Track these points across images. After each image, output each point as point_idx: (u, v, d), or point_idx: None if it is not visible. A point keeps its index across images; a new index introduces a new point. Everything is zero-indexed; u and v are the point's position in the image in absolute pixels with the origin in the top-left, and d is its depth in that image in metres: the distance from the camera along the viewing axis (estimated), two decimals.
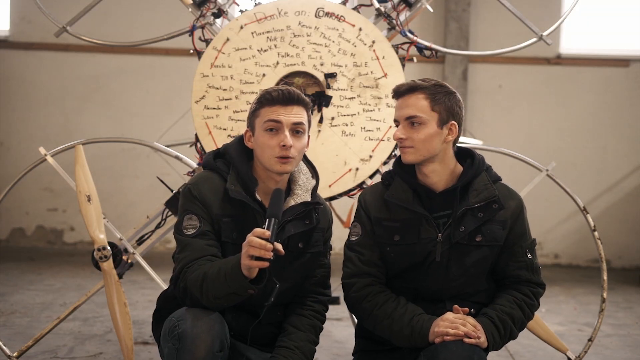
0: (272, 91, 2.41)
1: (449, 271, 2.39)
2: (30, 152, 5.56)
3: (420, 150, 2.36)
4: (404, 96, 2.39)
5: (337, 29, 3.38)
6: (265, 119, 2.39)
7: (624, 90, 7.18)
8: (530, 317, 2.45)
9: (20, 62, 7.24)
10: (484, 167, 2.46)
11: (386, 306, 2.38)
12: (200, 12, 3.48)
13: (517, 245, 2.42)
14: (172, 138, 5.66)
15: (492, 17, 7.08)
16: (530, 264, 2.44)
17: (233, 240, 2.38)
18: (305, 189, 2.49)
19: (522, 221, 2.45)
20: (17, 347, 3.36)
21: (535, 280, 2.44)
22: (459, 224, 2.37)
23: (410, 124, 2.37)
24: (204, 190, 2.39)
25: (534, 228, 2.61)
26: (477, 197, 2.38)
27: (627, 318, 4.97)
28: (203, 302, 2.25)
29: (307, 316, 2.50)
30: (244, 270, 2.16)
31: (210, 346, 2.19)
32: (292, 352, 2.40)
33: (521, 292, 2.43)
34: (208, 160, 2.50)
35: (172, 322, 2.25)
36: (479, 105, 7.23)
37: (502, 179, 2.53)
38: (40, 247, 7.19)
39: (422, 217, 2.39)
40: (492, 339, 2.30)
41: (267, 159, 2.39)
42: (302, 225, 2.45)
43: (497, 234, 2.39)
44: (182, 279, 2.30)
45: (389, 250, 2.43)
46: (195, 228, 2.36)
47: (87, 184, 3.24)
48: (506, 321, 2.36)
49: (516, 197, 2.46)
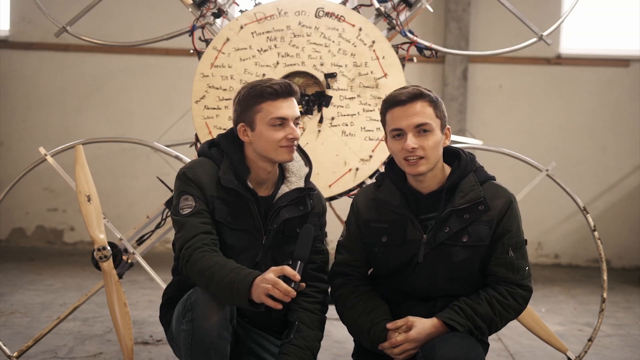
0: (273, 84, 2.45)
1: (433, 272, 2.40)
2: (30, 152, 5.55)
3: (430, 159, 2.37)
4: (408, 104, 2.36)
5: (337, 29, 3.38)
6: (271, 115, 2.44)
7: (624, 90, 7.17)
8: (506, 317, 2.39)
9: (20, 62, 7.23)
10: (472, 168, 2.45)
11: (352, 312, 2.47)
12: (200, 12, 3.48)
13: (499, 242, 2.40)
14: (172, 138, 5.65)
15: (492, 17, 7.08)
16: (510, 263, 2.39)
17: (227, 223, 2.45)
18: (298, 175, 2.56)
19: (509, 219, 2.40)
20: (17, 347, 3.36)
21: (514, 279, 2.39)
22: (443, 225, 2.38)
23: (419, 132, 2.35)
24: (198, 173, 2.46)
25: (534, 228, 2.62)
26: (463, 198, 2.38)
27: (627, 318, 4.96)
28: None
29: (315, 311, 2.54)
30: (254, 296, 2.22)
31: (223, 313, 2.27)
32: (304, 352, 2.45)
33: (496, 290, 2.39)
34: (203, 148, 2.58)
35: (184, 299, 2.34)
36: (479, 105, 7.22)
37: (499, 177, 2.54)
38: (40, 247, 7.18)
39: (408, 219, 2.42)
40: (454, 323, 2.31)
41: (273, 150, 2.45)
42: (297, 210, 2.51)
43: (483, 233, 2.39)
44: (184, 262, 2.36)
45: (376, 251, 2.47)
46: (190, 207, 2.42)
47: (87, 184, 3.24)
48: (466, 310, 2.34)
49: (504, 196, 2.42)
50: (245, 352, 2.52)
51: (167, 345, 3.71)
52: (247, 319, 2.53)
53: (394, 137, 2.39)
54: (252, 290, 2.22)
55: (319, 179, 3.26)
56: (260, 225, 2.48)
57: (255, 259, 2.47)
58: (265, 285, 2.19)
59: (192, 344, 2.27)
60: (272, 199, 2.52)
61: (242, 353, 2.51)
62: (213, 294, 2.28)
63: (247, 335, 2.53)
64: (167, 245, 7.06)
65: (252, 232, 2.48)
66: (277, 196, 2.52)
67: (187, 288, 2.41)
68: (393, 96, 2.39)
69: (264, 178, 2.52)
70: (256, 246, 2.48)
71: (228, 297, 2.25)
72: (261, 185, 2.53)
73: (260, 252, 2.48)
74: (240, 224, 2.47)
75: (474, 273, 2.43)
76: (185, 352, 2.31)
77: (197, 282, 2.33)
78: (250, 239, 2.48)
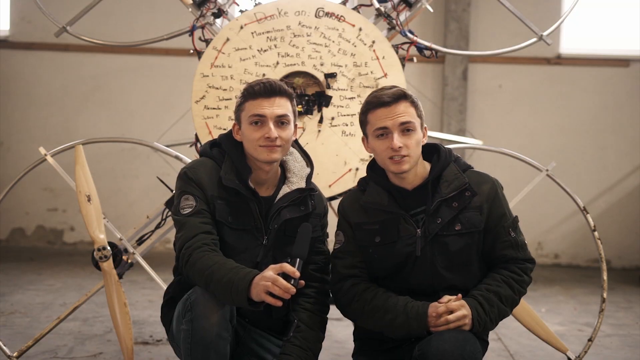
0: (254, 85, 2.49)
1: (434, 264, 2.43)
2: (30, 152, 5.55)
3: (412, 157, 2.43)
4: (393, 104, 2.42)
5: (337, 29, 3.38)
6: (249, 113, 2.46)
7: (624, 90, 7.17)
8: (522, 292, 2.48)
9: (20, 62, 7.23)
10: (451, 158, 2.52)
11: (376, 300, 2.43)
12: (200, 12, 3.48)
13: (499, 226, 2.47)
14: (172, 138, 5.65)
15: (492, 17, 7.07)
16: (514, 242, 2.48)
17: (228, 223, 2.45)
18: (299, 176, 2.57)
19: (499, 202, 2.48)
20: (17, 347, 3.36)
21: (521, 256, 2.48)
22: (434, 216, 2.43)
23: (403, 132, 2.41)
24: (199, 173, 2.47)
25: (534, 228, 2.63)
26: (449, 187, 2.44)
27: (627, 318, 4.96)
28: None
29: (316, 312, 2.55)
30: (253, 294, 2.23)
31: (223, 313, 2.28)
32: (306, 354, 2.45)
33: (508, 269, 2.47)
34: (205, 148, 2.59)
35: (184, 299, 2.34)
36: (479, 105, 7.22)
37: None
38: (40, 247, 7.18)
39: (400, 216, 2.45)
40: (476, 315, 2.33)
41: (254, 150, 2.47)
42: (298, 211, 2.52)
43: (475, 219, 2.44)
44: (184, 261, 2.36)
45: (371, 252, 2.48)
46: (191, 207, 2.43)
47: (87, 184, 3.24)
48: (491, 299, 2.39)
49: (489, 181, 2.50)
50: (246, 353, 2.52)
51: (167, 345, 3.72)
52: (248, 319, 2.53)
53: (378, 137, 2.44)
54: (252, 288, 2.22)
55: (319, 179, 3.26)
56: (261, 225, 2.48)
57: (255, 259, 2.47)
58: (265, 283, 2.20)
59: (192, 343, 2.27)
60: (273, 199, 2.53)
61: (243, 353, 2.51)
62: (213, 293, 2.28)
63: (248, 336, 2.53)
64: (167, 245, 7.06)
65: (253, 232, 2.48)
66: (278, 196, 2.53)
67: (188, 288, 2.41)
68: (377, 97, 2.44)
69: (263, 178, 2.52)
70: (257, 246, 2.49)
71: (227, 296, 2.25)
72: (262, 186, 2.53)
73: (261, 252, 2.48)
74: (241, 224, 2.47)
75: (472, 261, 2.47)
76: (185, 352, 2.31)
77: (197, 282, 2.34)
78: (250, 239, 2.48)
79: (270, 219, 2.49)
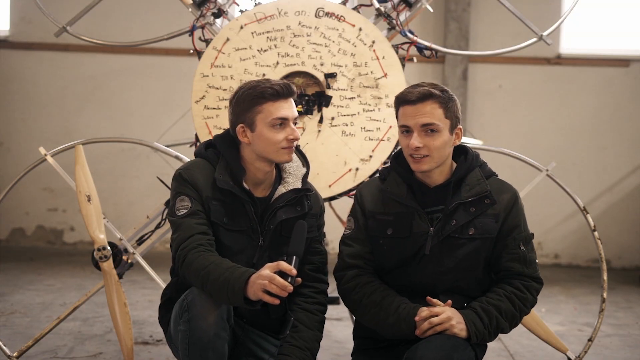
0: (273, 85, 2.45)
1: (440, 264, 2.42)
2: (30, 152, 5.55)
3: (434, 159, 2.40)
4: (418, 104, 2.39)
5: (337, 29, 3.38)
6: (273, 115, 2.43)
7: (624, 90, 7.17)
8: (524, 311, 2.45)
9: (20, 62, 7.23)
10: (477, 163, 2.50)
11: (374, 296, 2.42)
12: (200, 12, 3.48)
13: (510, 238, 2.44)
14: (172, 138, 5.64)
15: (492, 17, 7.07)
16: (523, 257, 2.44)
17: (224, 224, 2.44)
18: (295, 176, 2.56)
19: (516, 214, 2.46)
20: (17, 347, 3.36)
21: (528, 273, 2.45)
22: (450, 217, 2.41)
23: (426, 132, 2.39)
24: (195, 174, 2.46)
25: (534, 228, 2.62)
26: (470, 192, 2.43)
27: (627, 318, 4.97)
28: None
29: (314, 312, 2.54)
30: (250, 293, 2.22)
31: (220, 313, 2.27)
32: (304, 353, 2.45)
33: (512, 285, 2.43)
34: (200, 149, 2.58)
35: (181, 299, 2.34)
36: (479, 105, 7.22)
37: (500, 176, 2.56)
38: (40, 247, 7.18)
39: (415, 211, 2.43)
40: (473, 327, 2.32)
41: (275, 152, 2.45)
42: (294, 211, 2.50)
43: (489, 226, 2.42)
44: (180, 262, 2.36)
45: (381, 243, 2.47)
46: (186, 208, 2.42)
47: (87, 184, 3.24)
48: (491, 312, 2.37)
49: (509, 191, 2.49)
50: (244, 353, 2.52)
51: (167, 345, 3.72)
52: (246, 320, 2.52)
53: (402, 133, 2.44)
54: (248, 287, 2.22)
55: (319, 179, 3.26)
56: (257, 226, 2.48)
57: (251, 260, 2.47)
58: (262, 282, 2.19)
59: (190, 344, 2.27)
60: (269, 199, 2.52)
61: (241, 353, 2.51)
62: (209, 293, 2.28)
63: (245, 336, 2.52)
64: (167, 245, 7.01)
65: (249, 233, 2.48)
66: (274, 197, 2.52)
67: (185, 289, 2.40)
68: (404, 94, 2.43)
69: (261, 179, 2.51)
70: (253, 247, 2.48)
71: (224, 295, 2.24)
72: (258, 186, 2.52)
73: (257, 253, 2.48)
74: (236, 225, 2.46)
75: (479, 268, 2.45)
76: (182, 353, 2.31)
77: (193, 283, 2.33)
78: (246, 240, 2.48)
79: (266, 220, 2.49)
